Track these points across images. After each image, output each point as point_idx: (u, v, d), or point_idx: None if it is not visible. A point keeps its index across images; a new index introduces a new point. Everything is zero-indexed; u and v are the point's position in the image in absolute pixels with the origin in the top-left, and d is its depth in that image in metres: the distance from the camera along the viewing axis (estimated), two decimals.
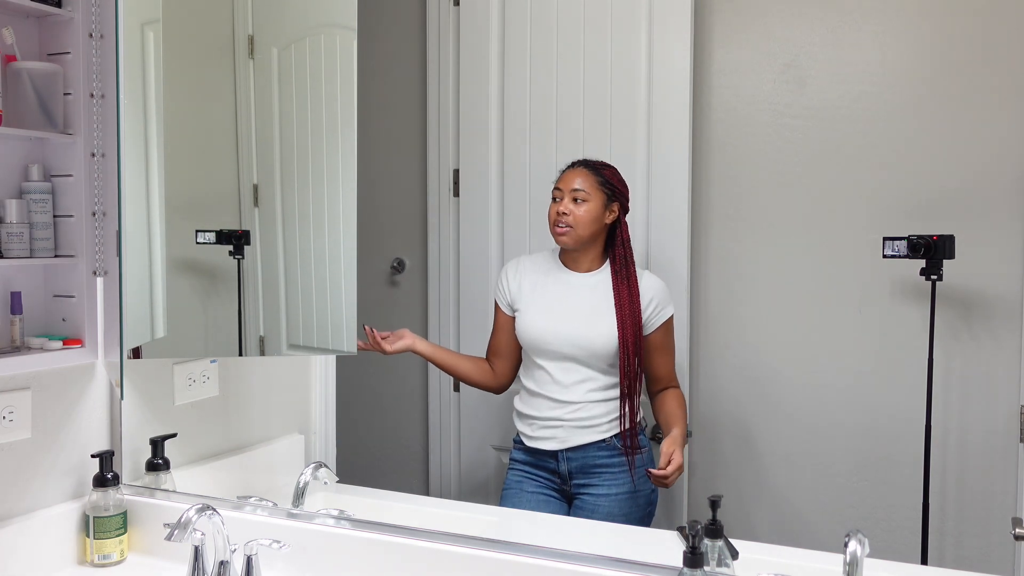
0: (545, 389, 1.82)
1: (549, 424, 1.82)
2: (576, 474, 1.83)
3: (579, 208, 1.78)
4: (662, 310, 1.84)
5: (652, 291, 1.83)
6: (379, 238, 2.39)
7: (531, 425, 1.85)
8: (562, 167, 1.85)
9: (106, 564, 1.49)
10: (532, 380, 1.85)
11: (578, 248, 1.83)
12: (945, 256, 1.75)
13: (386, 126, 2.40)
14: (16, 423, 1.44)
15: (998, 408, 1.82)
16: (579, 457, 1.82)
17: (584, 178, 1.80)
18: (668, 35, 2.02)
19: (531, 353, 1.84)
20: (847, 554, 1.11)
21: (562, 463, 1.83)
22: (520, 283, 1.88)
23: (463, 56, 2.25)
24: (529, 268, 1.90)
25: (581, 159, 1.85)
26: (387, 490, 1.74)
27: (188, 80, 1.70)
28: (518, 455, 1.89)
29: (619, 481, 1.81)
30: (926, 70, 1.90)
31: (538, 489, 1.85)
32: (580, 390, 1.80)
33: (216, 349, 1.73)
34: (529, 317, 1.84)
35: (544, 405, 1.83)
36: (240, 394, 1.75)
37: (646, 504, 1.85)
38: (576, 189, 1.79)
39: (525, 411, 1.86)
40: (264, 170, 1.70)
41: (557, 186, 1.82)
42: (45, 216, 1.50)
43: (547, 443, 1.83)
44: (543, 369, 1.82)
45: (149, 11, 1.61)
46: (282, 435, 1.82)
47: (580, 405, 1.80)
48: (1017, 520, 1.68)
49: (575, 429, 1.81)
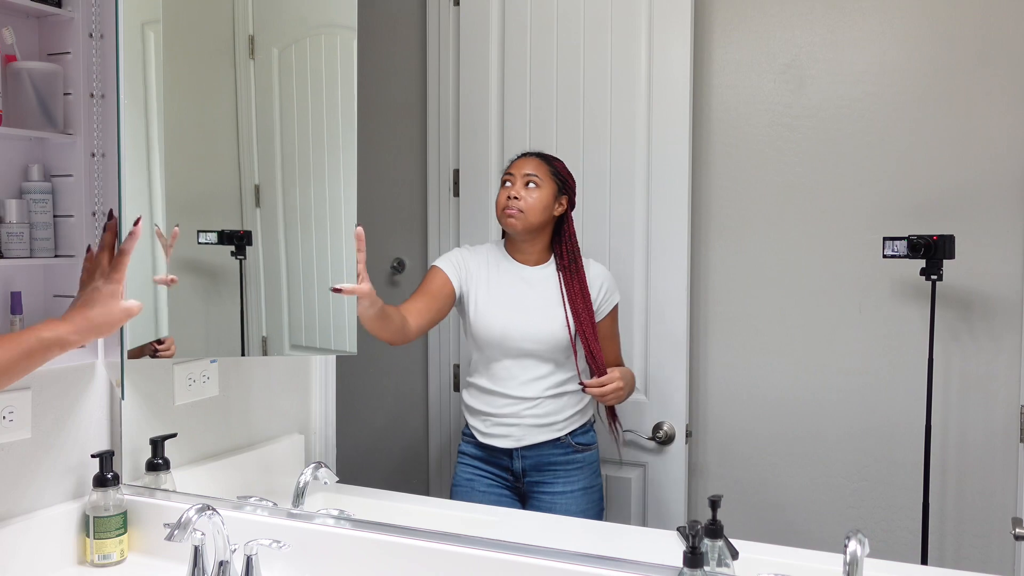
0: (502, 386, 1.80)
1: (505, 422, 1.81)
2: (530, 471, 1.82)
3: (531, 194, 1.77)
4: (610, 297, 1.85)
5: (600, 279, 1.84)
6: (379, 238, 2.38)
7: (485, 421, 1.83)
8: (512, 158, 1.86)
9: (106, 564, 1.50)
10: (487, 377, 1.82)
11: (526, 237, 1.81)
12: (945, 256, 1.75)
13: (386, 126, 2.40)
14: (16, 423, 1.44)
15: (998, 408, 1.82)
16: (533, 455, 1.81)
17: (537, 165, 1.80)
18: (668, 35, 2.02)
19: (488, 350, 1.81)
20: (847, 554, 1.11)
21: (516, 461, 1.82)
22: (476, 272, 1.84)
23: (463, 56, 2.25)
24: (479, 259, 1.86)
25: (538, 151, 1.86)
26: (387, 490, 1.74)
27: (189, 80, 1.69)
28: (469, 449, 1.87)
29: (573, 478, 1.81)
30: (926, 70, 1.90)
31: (490, 488, 1.84)
32: (538, 387, 1.79)
33: (218, 349, 1.73)
34: (488, 314, 1.81)
35: (500, 402, 1.81)
36: (240, 394, 1.75)
37: (598, 499, 1.86)
38: (529, 174, 1.78)
39: (479, 407, 1.84)
40: (265, 170, 1.70)
41: (508, 171, 1.81)
42: (45, 216, 1.50)
43: (502, 441, 1.81)
44: (501, 365, 1.80)
45: (149, 11, 1.60)
46: (282, 435, 1.82)
47: (538, 402, 1.79)
48: (1017, 520, 1.68)
49: (532, 428, 1.80)
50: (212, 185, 1.73)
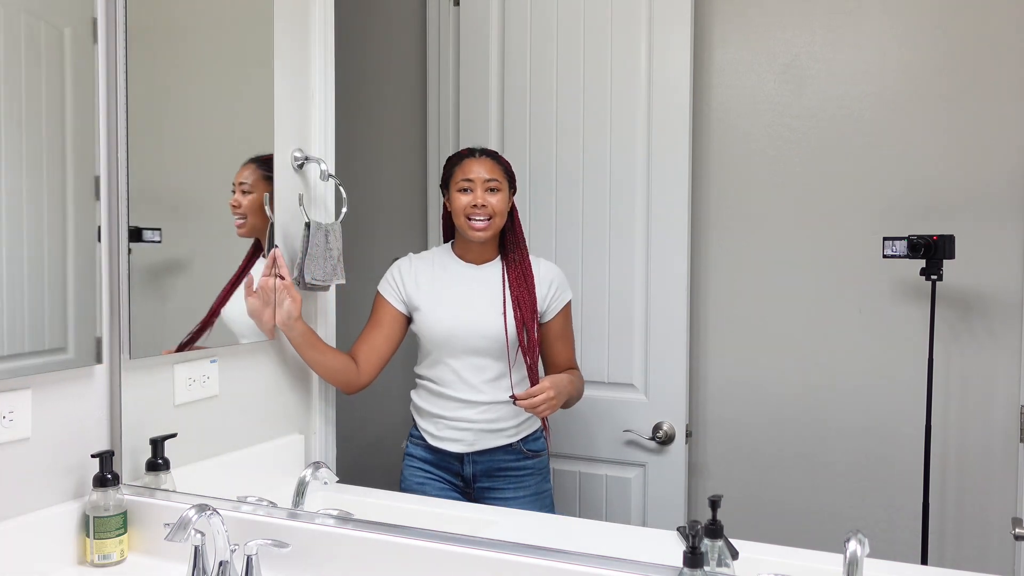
0: (452, 388, 1.78)
1: (456, 426, 1.79)
2: (480, 477, 1.80)
3: (493, 198, 1.76)
4: (560, 295, 1.83)
5: (550, 275, 1.82)
6: (379, 238, 2.39)
7: (436, 424, 1.81)
8: (452, 155, 1.84)
9: (106, 564, 1.49)
10: (439, 382, 1.80)
11: (487, 241, 1.80)
12: (945, 256, 1.75)
13: (386, 126, 2.40)
14: (16, 423, 1.44)
15: (998, 408, 1.82)
16: (485, 460, 1.80)
17: (494, 167, 1.78)
18: (668, 35, 2.02)
19: (437, 350, 1.80)
20: (847, 554, 1.11)
21: (467, 466, 1.80)
22: (416, 280, 1.82)
23: (463, 56, 2.25)
24: (422, 265, 1.85)
25: (480, 148, 1.84)
26: (387, 490, 1.74)
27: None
28: (417, 452, 1.84)
29: (525, 484, 1.81)
30: (926, 70, 1.90)
31: (442, 491, 1.82)
32: (488, 389, 1.77)
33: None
34: (435, 314, 1.79)
35: (451, 405, 1.79)
36: (240, 394, 1.75)
37: (549, 505, 1.85)
38: (490, 179, 1.76)
39: (429, 408, 1.82)
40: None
41: (467, 177, 1.76)
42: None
43: (453, 445, 1.79)
44: (451, 369, 1.78)
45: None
46: (282, 435, 1.82)
47: (488, 406, 1.77)
48: (1017, 520, 1.69)
49: (483, 433, 1.78)
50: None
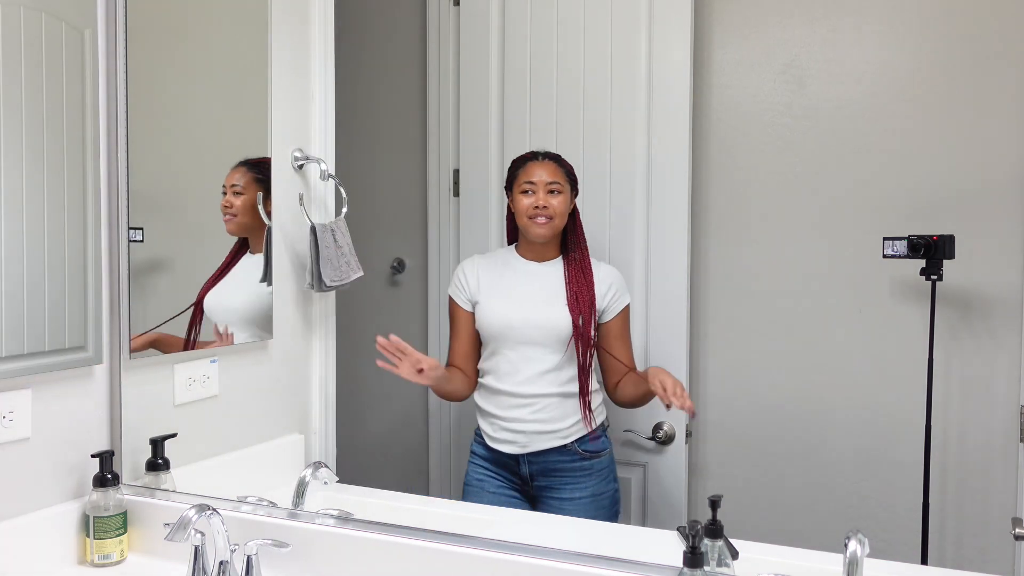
0: (506, 383, 1.81)
1: (510, 427, 1.82)
2: (538, 476, 1.83)
3: (555, 200, 1.81)
4: (620, 297, 1.86)
5: (610, 278, 1.86)
6: (379, 238, 2.39)
7: (492, 424, 1.84)
8: (516, 158, 1.88)
9: (106, 564, 1.50)
10: (495, 375, 1.84)
11: (548, 241, 1.84)
12: (945, 256, 1.75)
13: (386, 126, 2.40)
14: (16, 423, 1.44)
15: (998, 408, 1.82)
16: (540, 461, 1.82)
17: (555, 171, 1.83)
18: (668, 35, 2.02)
19: (492, 341, 1.84)
20: (847, 554, 1.11)
21: (523, 466, 1.83)
22: (479, 277, 1.88)
23: (463, 56, 2.25)
24: (487, 264, 1.91)
25: (543, 151, 1.88)
26: (387, 490, 1.74)
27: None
28: (479, 450, 1.88)
29: (582, 485, 1.82)
30: (926, 70, 1.90)
31: (500, 489, 1.85)
32: (540, 383, 1.79)
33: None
34: (491, 305, 1.84)
35: (507, 403, 1.82)
36: (240, 394, 1.75)
37: (611, 504, 1.86)
38: (552, 182, 1.81)
39: (486, 408, 1.85)
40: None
41: (530, 179, 1.82)
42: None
43: (508, 447, 1.83)
44: (507, 359, 1.81)
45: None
46: (282, 435, 1.82)
47: (541, 403, 1.80)
48: (1017, 520, 1.69)
49: (535, 435, 1.80)
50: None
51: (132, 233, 1.62)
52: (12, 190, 1.43)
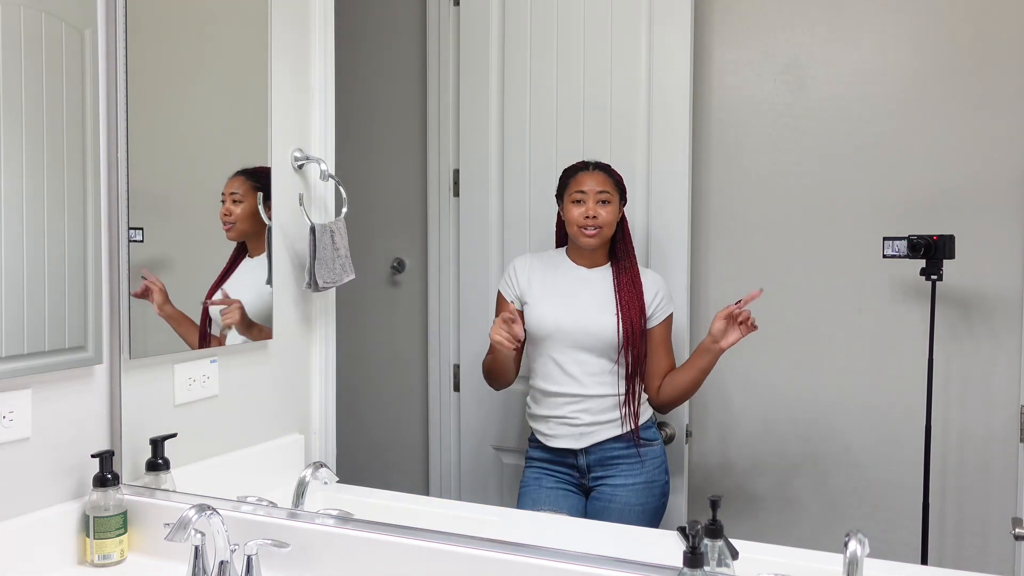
0: (559, 385, 1.87)
1: (566, 422, 1.87)
2: (595, 467, 1.88)
3: (604, 210, 1.86)
4: (666, 305, 1.91)
5: (657, 286, 1.92)
6: (379, 238, 2.39)
7: (547, 424, 1.89)
8: (568, 168, 1.92)
9: (106, 564, 1.49)
10: (544, 378, 1.89)
11: (597, 248, 1.89)
12: (945, 256, 1.75)
13: (386, 126, 2.40)
14: (16, 423, 1.44)
15: (998, 408, 1.82)
16: (597, 451, 1.87)
17: (605, 181, 1.89)
18: (668, 35, 2.02)
19: (544, 344, 1.88)
20: (847, 554, 1.11)
21: (581, 458, 1.88)
22: (529, 277, 1.93)
23: (463, 56, 2.25)
24: (537, 264, 1.96)
25: (594, 161, 1.93)
26: (387, 490, 1.74)
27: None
28: (535, 453, 1.93)
29: (635, 471, 1.87)
30: (926, 70, 1.90)
31: (556, 484, 1.90)
32: (592, 383, 1.85)
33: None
34: (542, 308, 1.89)
35: (559, 402, 1.87)
36: (240, 394, 1.75)
37: (660, 494, 1.91)
38: (602, 191, 1.86)
39: (540, 412, 1.91)
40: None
41: (580, 189, 1.87)
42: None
43: (565, 441, 1.88)
44: (555, 362, 1.86)
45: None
46: (282, 435, 1.82)
47: (594, 400, 1.85)
48: (1017, 520, 1.69)
49: (591, 427, 1.86)
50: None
51: (132, 233, 1.62)
52: (12, 190, 1.42)
